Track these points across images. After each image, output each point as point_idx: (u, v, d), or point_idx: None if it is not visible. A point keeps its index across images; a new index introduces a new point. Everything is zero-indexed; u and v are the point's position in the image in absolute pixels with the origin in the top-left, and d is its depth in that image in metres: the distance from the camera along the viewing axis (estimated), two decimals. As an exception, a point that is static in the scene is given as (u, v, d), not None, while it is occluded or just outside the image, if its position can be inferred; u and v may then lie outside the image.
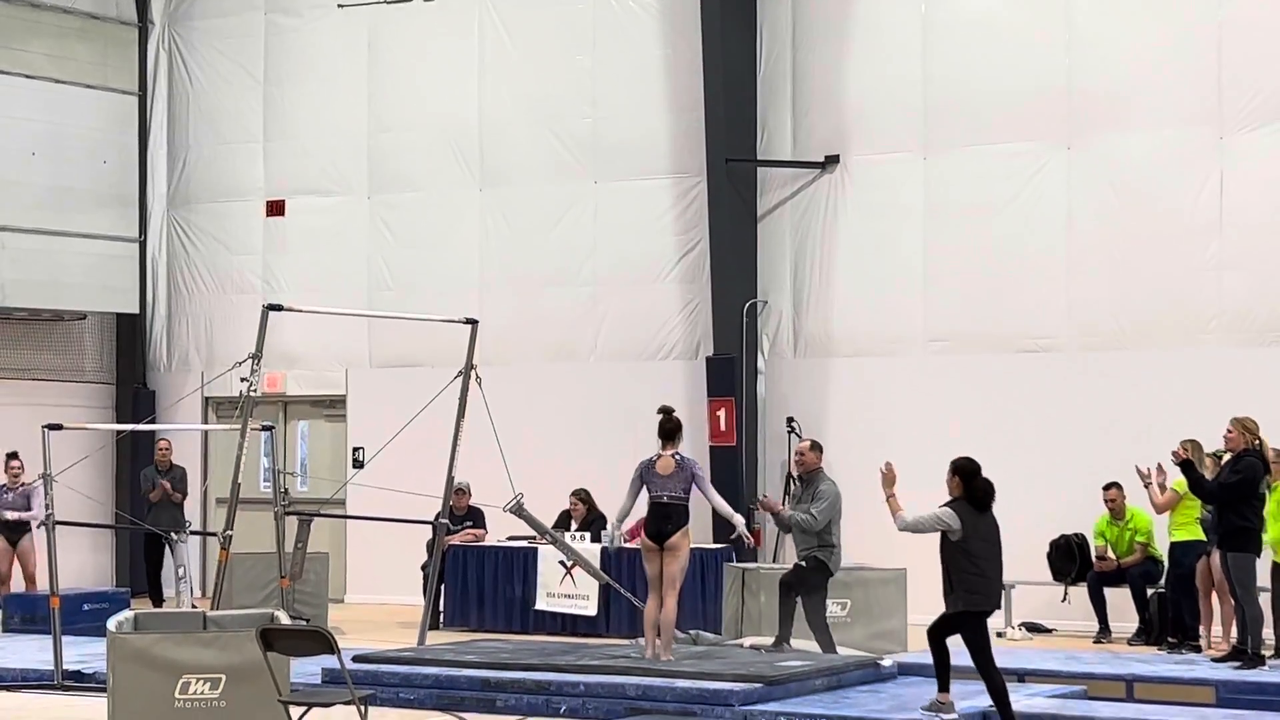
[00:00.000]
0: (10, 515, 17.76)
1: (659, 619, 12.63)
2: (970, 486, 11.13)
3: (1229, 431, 13.28)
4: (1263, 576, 13.63)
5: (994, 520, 11.16)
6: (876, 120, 18.58)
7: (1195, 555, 14.90)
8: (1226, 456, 13.47)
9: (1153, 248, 17.31)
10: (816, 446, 13.73)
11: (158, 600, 18.87)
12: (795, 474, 13.76)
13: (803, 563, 13.16)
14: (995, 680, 10.87)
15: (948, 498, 11.15)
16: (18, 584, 17.96)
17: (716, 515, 13.27)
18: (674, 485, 12.60)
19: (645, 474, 12.67)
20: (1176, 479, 14.98)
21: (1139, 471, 14.84)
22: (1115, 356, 17.41)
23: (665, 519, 12.52)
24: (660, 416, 12.76)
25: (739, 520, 12.93)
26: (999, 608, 11.57)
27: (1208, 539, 14.38)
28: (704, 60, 18.90)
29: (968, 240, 18.10)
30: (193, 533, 17.72)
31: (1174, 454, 14.63)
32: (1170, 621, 15.26)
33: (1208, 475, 13.69)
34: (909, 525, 11.37)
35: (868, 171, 18.64)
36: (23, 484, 17.76)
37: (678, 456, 12.63)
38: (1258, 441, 13.19)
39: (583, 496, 17.89)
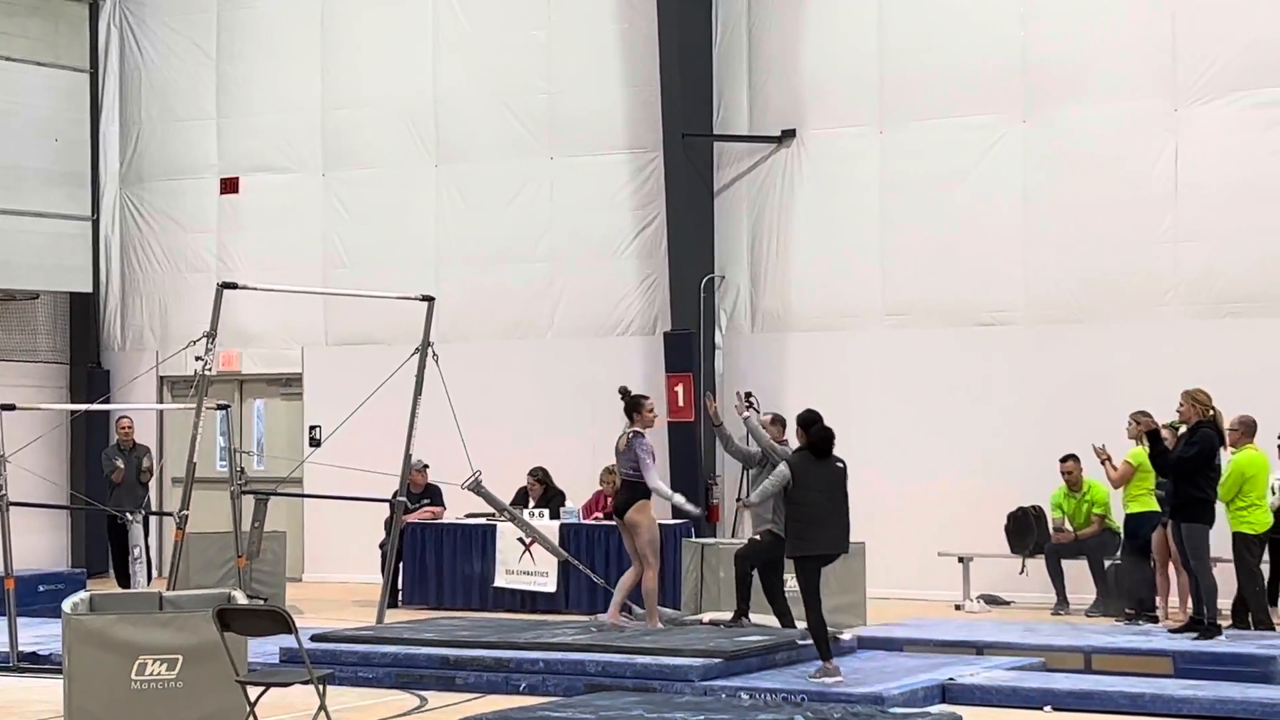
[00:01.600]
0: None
1: (631, 587, 12.97)
2: (809, 434, 11.61)
3: (1180, 405, 13.34)
4: (1220, 547, 13.70)
5: (834, 469, 11.66)
6: (832, 94, 18.58)
7: (1150, 526, 14.98)
8: (1182, 429, 13.53)
9: (1109, 220, 17.35)
10: (778, 420, 13.74)
11: (124, 583, 18.74)
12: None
13: (759, 537, 13.15)
14: (813, 618, 11.41)
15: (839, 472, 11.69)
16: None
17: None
18: (626, 462, 12.97)
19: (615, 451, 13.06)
20: (1132, 450, 15.06)
21: (1095, 450, 14.95)
22: (1072, 329, 17.46)
23: (620, 495, 12.79)
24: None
25: (677, 499, 13.10)
26: (836, 553, 11.87)
27: (1162, 510, 14.46)
28: (659, 35, 18.85)
29: (924, 214, 18.11)
30: (149, 513, 17.60)
31: (1128, 429, 14.73)
32: (1127, 592, 15.34)
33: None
34: (761, 497, 11.96)
35: (824, 145, 18.63)
36: (-24, 465, 17.60)
37: (629, 434, 12.81)
38: (1210, 412, 13.24)
39: (540, 476, 17.87)
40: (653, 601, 12.72)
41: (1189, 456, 13.12)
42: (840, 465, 11.72)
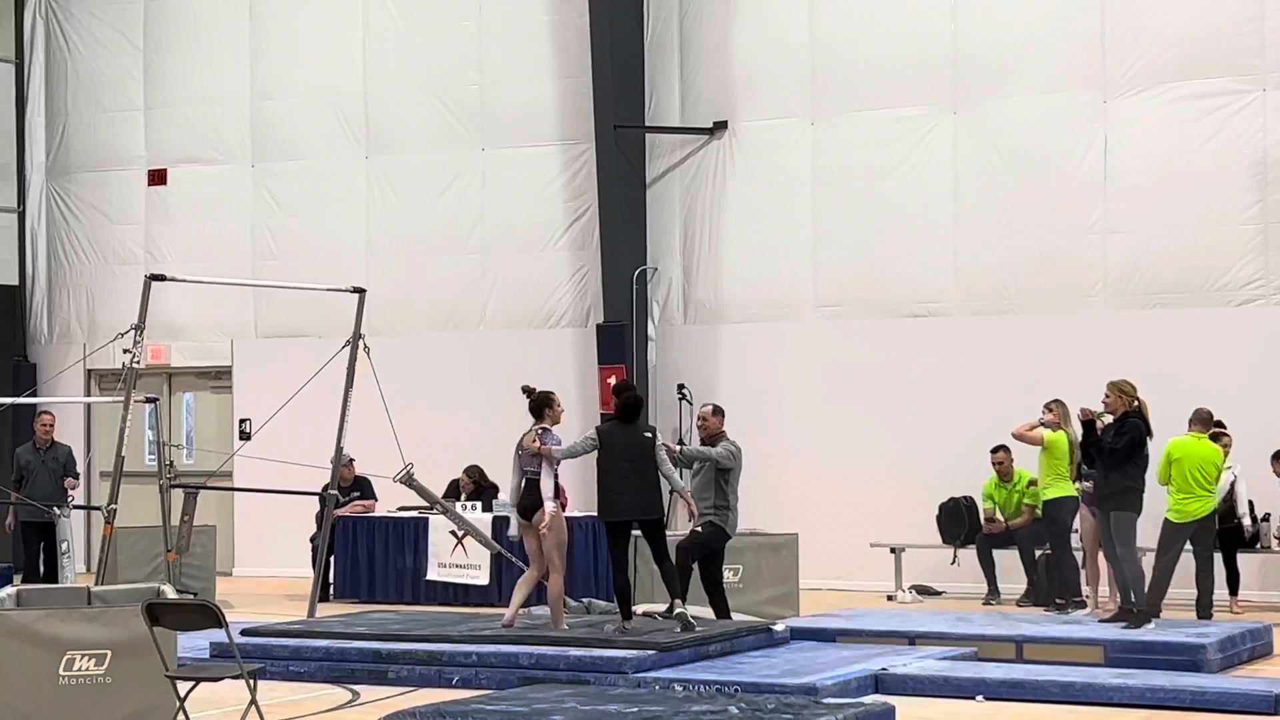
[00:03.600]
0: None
1: (531, 590, 12.68)
2: (618, 401, 12.18)
3: (1106, 396, 13.42)
4: (1147, 537, 13.79)
5: (642, 437, 12.14)
6: (764, 85, 18.60)
7: (1068, 511, 15.06)
8: (1107, 419, 13.60)
9: (1038, 212, 17.45)
10: (719, 411, 13.68)
11: (41, 579, 18.51)
12: (700, 438, 13.74)
13: (699, 529, 13.14)
14: (620, 580, 12.12)
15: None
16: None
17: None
18: (536, 462, 12.43)
19: (517, 451, 12.56)
20: (1048, 435, 15.05)
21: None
22: (1001, 320, 17.56)
23: (526, 496, 12.41)
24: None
25: (549, 506, 12.31)
26: (635, 517, 12.24)
27: (1081, 497, 14.54)
28: (591, 25, 18.82)
29: (856, 205, 18.17)
30: (76, 507, 17.41)
31: (1042, 417, 14.82)
32: (1056, 582, 15.43)
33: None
34: (565, 453, 12.25)
35: (756, 136, 18.65)
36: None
37: (538, 431, 12.48)
38: (1136, 403, 13.33)
39: (474, 477, 17.77)
40: (559, 606, 12.53)
41: (1120, 447, 13.20)
42: (648, 435, 12.24)
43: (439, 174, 19.99)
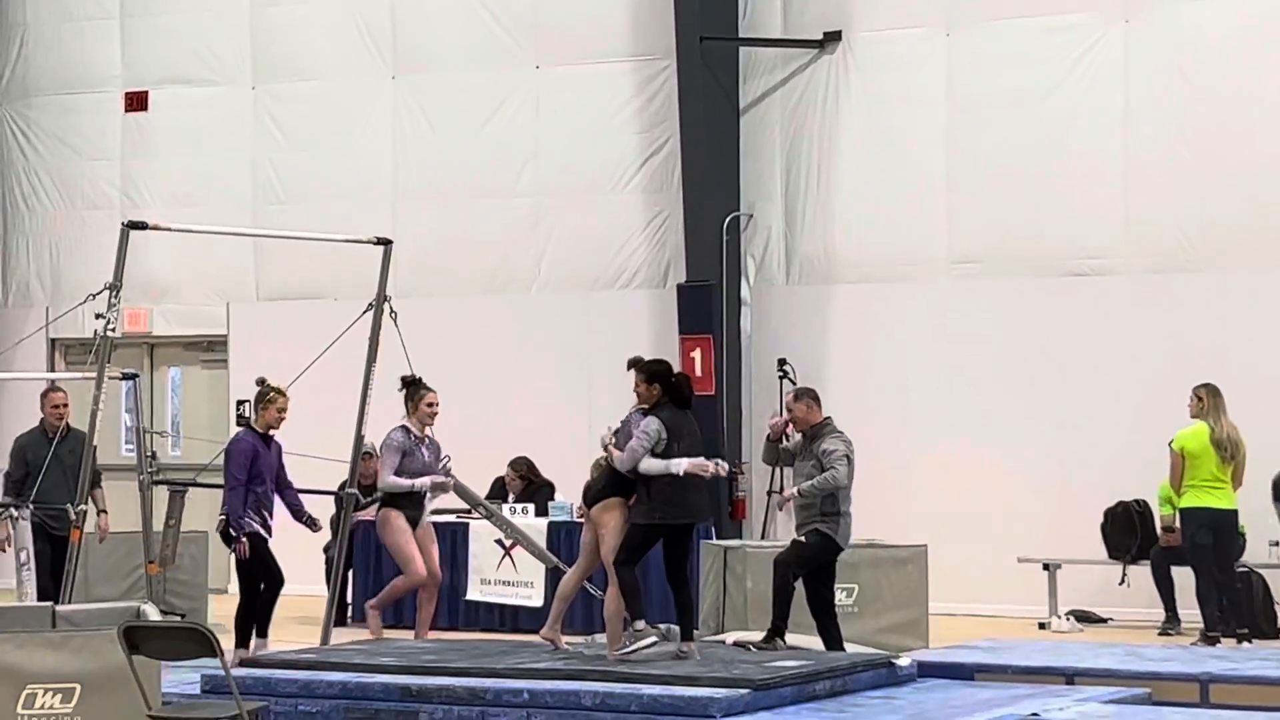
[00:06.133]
0: None
1: (575, 593, 13.09)
2: (669, 387, 12.30)
3: None
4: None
5: (692, 422, 12.40)
6: (888, -14, 18.59)
7: (1197, 524, 15.42)
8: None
9: (1230, 145, 17.33)
10: (805, 396, 13.58)
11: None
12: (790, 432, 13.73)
13: (802, 538, 13.17)
14: (683, 596, 12.39)
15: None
16: None
17: None
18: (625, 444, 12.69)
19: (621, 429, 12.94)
20: (1182, 432, 15.19)
21: None
22: (1185, 280, 17.48)
23: (605, 479, 12.64)
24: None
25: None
26: (701, 519, 12.66)
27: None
28: (672, -87, 18.84)
29: (1002, 137, 18.11)
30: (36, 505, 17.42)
31: (1191, 406, 15.04)
32: (1229, 608, 15.56)
33: None
34: (630, 460, 12.28)
35: (877, 51, 18.62)
36: None
37: (632, 414, 12.64)
38: None
39: (521, 470, 17.85)
40: (617, 624, 12.63)
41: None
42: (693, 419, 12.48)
43: (482, 99, 20.04)
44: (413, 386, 14.60)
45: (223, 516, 14.64)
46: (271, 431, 14.59)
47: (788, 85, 19.06)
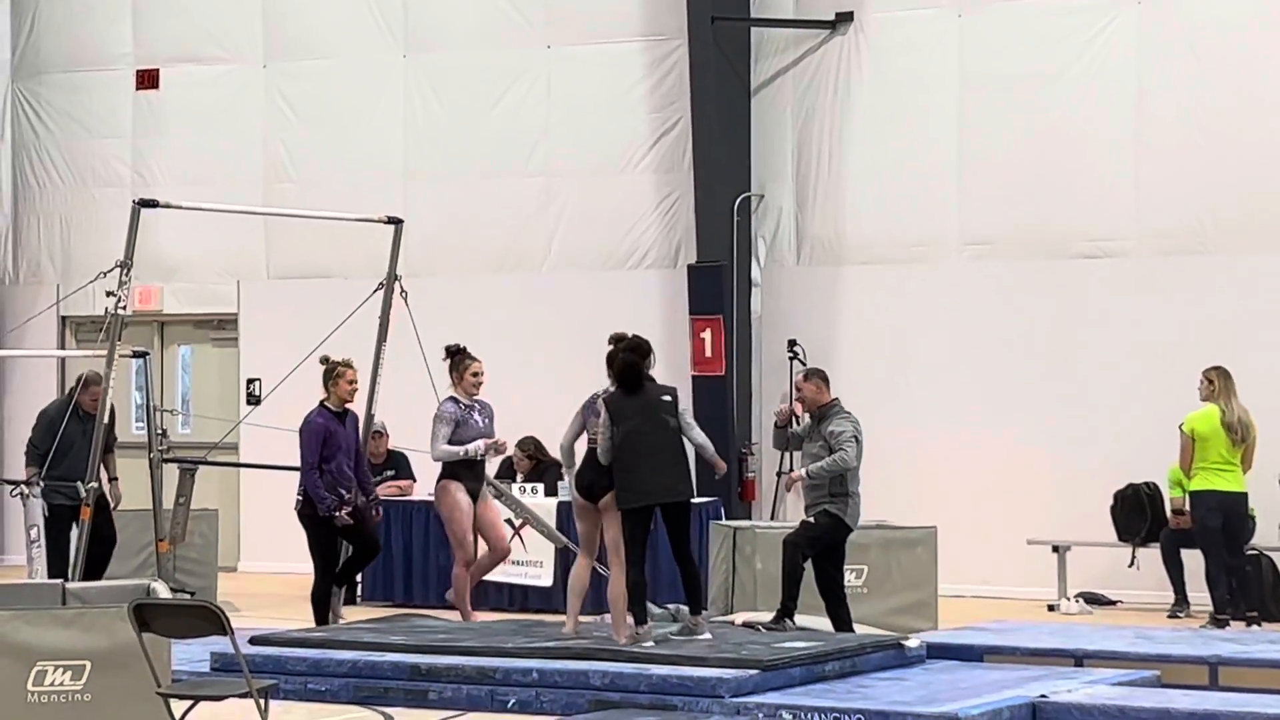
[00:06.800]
0: None
1: (587, 585, 13.02)
2: (613, 371, 12.53)
3: None
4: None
5: (653, 400, 12.52)
6: (901, -33, 18.57)
7: (1206, 508, 15.54)
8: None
9: (1242, 128, 17.31)
10: (814, 376, 13.60)
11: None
12: (799, 414, 13.74)
13: (811, 519, 13.18)
14: (634, 577, 12.36)
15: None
16: None
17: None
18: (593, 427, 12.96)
19: (590, 409, 13.00)
20: (1192, 414, 15.22)
21: None
22: (1196, 262, 17.45)
23: (596, 471, 12.65)
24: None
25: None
26: (659, 501, 12.52)
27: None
28: (684, -107, 18.82)
29: (1013, 119, 18.08)
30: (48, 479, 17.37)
31: (1200, 389, 15.06)
32: (1239, 590, 15.60)
33: None
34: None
35: (889, 32, 18.59)
36: None
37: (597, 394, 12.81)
38: None
39: (529, 450, 17.85)
40: (621, 610, 12.63)
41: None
42: (667, 398, 12.60)
43: (494, 78, 20.03)
44: (457, 356, 14.45)
45: (299, 497, 14.40)
46: (347, 406, 14.36)
47: (799, 66, 19.04)
